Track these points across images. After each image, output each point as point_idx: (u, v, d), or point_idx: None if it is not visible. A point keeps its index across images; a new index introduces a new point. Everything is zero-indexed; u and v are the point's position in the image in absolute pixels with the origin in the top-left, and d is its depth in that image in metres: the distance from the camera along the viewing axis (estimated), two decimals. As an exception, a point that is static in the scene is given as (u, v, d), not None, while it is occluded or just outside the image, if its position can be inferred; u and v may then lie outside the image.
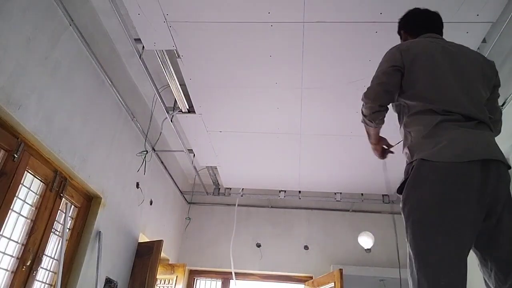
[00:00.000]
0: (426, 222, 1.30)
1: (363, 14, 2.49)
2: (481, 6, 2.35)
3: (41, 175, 2.67)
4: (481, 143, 1.38)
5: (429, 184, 1.33)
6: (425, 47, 1.60)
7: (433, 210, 1.30)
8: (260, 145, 4.13)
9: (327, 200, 5.28)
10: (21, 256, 2.51)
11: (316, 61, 2.92)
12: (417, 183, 1.36)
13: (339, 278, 4.31)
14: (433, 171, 1.34)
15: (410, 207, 1.36)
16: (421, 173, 1.36)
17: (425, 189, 1.33)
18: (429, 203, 1.31)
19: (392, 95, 1.56)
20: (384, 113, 1.56)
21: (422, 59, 1.56)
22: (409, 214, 1.35)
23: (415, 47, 1.61)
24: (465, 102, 1.46)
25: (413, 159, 1.40)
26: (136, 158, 3.87)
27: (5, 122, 2.28)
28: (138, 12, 2.60)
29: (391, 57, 1.60)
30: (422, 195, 1.34)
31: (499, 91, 1.71)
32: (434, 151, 1.35)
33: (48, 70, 2.52)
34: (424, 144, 1.40)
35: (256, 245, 5.49)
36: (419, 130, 1.44)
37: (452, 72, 1.52)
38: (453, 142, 1.36)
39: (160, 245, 4.05)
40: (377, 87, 1.55)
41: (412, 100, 1.51)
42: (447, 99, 1.46)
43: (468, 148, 1.35)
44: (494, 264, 1.31)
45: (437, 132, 1.39)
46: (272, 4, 2.48)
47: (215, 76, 3.18)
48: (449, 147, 1.34)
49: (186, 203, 5.74)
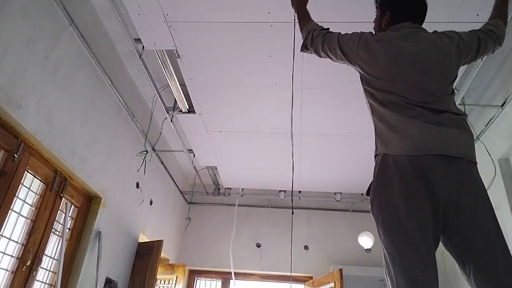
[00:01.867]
0: (394, 220, 1.30)
1: (363, 14, 2.49)
2: (481, 6, 2.35)
3: (41, 175, 2.67)
4: (448, 138, 1.36)
5: (392, 181, 1.34)
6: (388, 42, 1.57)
7: (399, 206, 1.30)
8: (260, 145, 4.13)
9: (327, 200, 5.28)
10: (21, 256, 2.51)
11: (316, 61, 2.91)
12: (380, 182, 1.38)
13: (339, 278, 4.31)
14: (392, 165, 1.35)
15: (378, 207, 1.37)
16: (383, 171, 1.38)
17: (388, 187, 1.34)
18: (393, 200, 1.32)
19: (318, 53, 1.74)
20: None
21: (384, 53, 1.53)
22: (378, 214, 1.36)
23: (387, 39, 1.58)
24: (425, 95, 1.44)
25: (378, 152, 1.44)
26: (136, 158, 3.87)
27: (5, 122, 2.28)
28: (138, 12, 2.59)
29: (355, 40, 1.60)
30: (386, 194, 1.35)
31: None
32: (395, 145, 1.37)
33: (48, 70, 2.52)
34: (388, 137, 1.41)
35: (256, 245, 5.49)
36: (383, 120, 1.46)
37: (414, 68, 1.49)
38: (415, 137, 1.35)
39: (160, 245, 4.05)
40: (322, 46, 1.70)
41: (377, 90, 1.51)
42: (409, 93, 1.44)
43: (430, 143, 1.34)
44: (472, 265, 1.26)
45: (400, 125, 1.39)
46: (272, 4, 2.48)
47: (215, 76, 3.18)
48: (412, 141, 1.35)
49: (186, 203, 5.74)
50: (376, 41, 1.58)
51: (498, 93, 3.17)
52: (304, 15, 1.89)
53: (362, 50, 1.57)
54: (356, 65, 1.61)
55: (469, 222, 1.29)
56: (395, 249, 1.27)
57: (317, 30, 1.77)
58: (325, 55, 1.73)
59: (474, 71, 2.80)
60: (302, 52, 1.86)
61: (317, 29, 1.77)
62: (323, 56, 1.75)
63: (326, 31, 1.75)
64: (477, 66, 2.75)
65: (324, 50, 1.71)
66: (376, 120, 1.50)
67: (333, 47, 1.66)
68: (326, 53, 1.71)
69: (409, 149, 1.34)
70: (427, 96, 1.44)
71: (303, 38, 1.81)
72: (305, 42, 1.80)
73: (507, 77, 3.06)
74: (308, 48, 1.80)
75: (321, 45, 1.71)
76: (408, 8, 1.67)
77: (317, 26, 1.80)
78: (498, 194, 3.08)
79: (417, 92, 1.45)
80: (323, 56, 1.75)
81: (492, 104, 3.20)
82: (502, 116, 3.10)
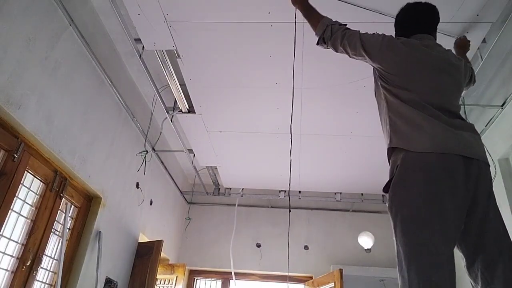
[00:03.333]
0: (415, 219, 1.30)
1: (363, 14, 2.49)
2: (481, 6, 2.35)
3: (41, 175, 2.67)
4: (464, 140, 1.40)
5: (416, 180, 1.34)
6: (413, 45, 1.65)
7: (420, 206, 1.31)
8: (260, 145, 4.13)
9: (327, 200, 5.28)
10: (21, 256, 2.51)
11: (316, 61, 2.92)
12: (403, 180, 1.38)
13: (339, 278, 4.31)
14: (418, 164, 1.36)
15: (398, 205, 1.36)
16: (407, 170, 1.38)
17: (412, 186, 1.35)
18: (416, 200, 1.32)
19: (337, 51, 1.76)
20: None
21: (408, 54, 1.61)
22: (397, 212, 1.36)
23: (406, 43, 1.65)
24: (442, 98, 1.52)
25: (395, 146, 1.44)
26: (136, 158, 3.87)
27: (5, 122, 2.28)
28: (138, 12, 2.59)
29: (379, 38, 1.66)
30: (408, 192, 1.35)
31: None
32: (418, 141, 1.38)
33: (48, 70, 2.52)
34: (408, 132, 1.43)
35: (256, 245, 5.49)
36: (402, 116, 1.48)
37: (432, 70, 1.58)
38: (438, 135, 1.39)
39: (160, 245, 4.05)
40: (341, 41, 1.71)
41: (395, 87, 1.55)
42: (428, 94, 1.50)
43: (451, 142, 1.37)
44: (481, 264, 1.30)
45: (422, 121, 1.42)
46: (272, 4, 2.48)
47: (215, 76, 3.18)
48: (435, 139, 1.38)
49: (186, 203, 5.74)
50: (401, 42, 1.65)
51: (498, 93, 3.17)
52: (311, 10, 1.90)
53: (386, 47, 1.63)
54: (376, 62, 1.65)
55: (483, 222, 1.33)
56: (411, 248, 1.27)
57: (336, 25, 1.79)
58: (342, 50, 1.75)
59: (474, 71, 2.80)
60: (319, 45, 1.85)
61: (336, 24, 1.79)
62: (340, 51, 1.76)
63: (345, 27, 1.77)
64: (477, 66, 2.75)
65: (343, 45, 1.72)
66: (393, 116, 1.52)
67: (354, 42, 1.68)
68: (345, 48, 1.73)
69: (434, 146, 1.36)
70: (445, 100, 1.51)
71: (320, 32, 1.80)
72: (323, 35, 1.79)
73: (507, 77, 3.06)
74: (326, 42, 1.79)
75: (340, 39, 1.72)
76: (421, 22, 1.76)
77: (334, 21, 1.82)
78: (498, 194, 3.02)
79: (436, 94, 1.52)
80: (340, 51, 1.77)
81: (492, 104, 3.20)
82: (502, 116, 3.10)
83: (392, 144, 1.46)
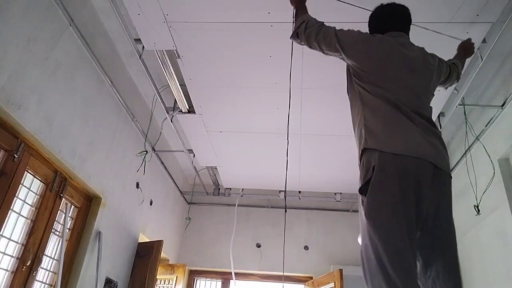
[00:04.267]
0: (389, 222, 1.30)
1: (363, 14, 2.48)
2: (481, 6, 2.35)
3: (41, 175, 2.67)
4: (435, 149, 1.42)
5: (391, 182, 1.34)
6: (389, 43, 1.65)
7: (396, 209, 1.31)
8: (260, 145, 4.13)
9: (327, 200, 5.28)
10: (21, 256, 2.51)
11: (316, 61, 2.92)
12: (379, 182, 1.35)
13: (339, 278, 4.31)
14: (393, 166, 1.35)
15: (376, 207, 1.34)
16: (383, 170, 1.35)
17: (388, 188, 1.33)
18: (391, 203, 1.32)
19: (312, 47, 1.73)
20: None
21: (382, 52, 1.60)
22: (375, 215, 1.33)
23: (380, 40, 1.66)
24: (416, 99, 1.52)
25: (369, 147, 1.41)
26: (136, 158, 3.87)
27: (5, 122, 2.27)
28: (138, 12, 2.59)
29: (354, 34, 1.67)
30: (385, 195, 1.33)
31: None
32: (391, 142, 1.38)
33: (48, 70, 2.52)
34: (382, 132, 1.42)
35: (256, 245, 5.49)
36: (377, 114, 1.47)
37: (406, 70, 1.58)
38: (413, 138, 1.39)
39: (160, 245, 4.05)
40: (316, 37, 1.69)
41: (370, 84, 1.55)
42: (402, 93, 1.50)
43: (425, 148, 1.38)
44: (435, 269, 1.34)
45: (396, 122, 1.42)
46: (272, 4, 2.48)
47: (215, 76, 3.18)
48: (410, 142, 1.38)
49: (186, 203, 5.74)
50: (376, 40, 1.64)
51: (498, 93, 3.17)
52: (302, 9, 1.91)
53: (361, 44, 1.62)
54: (351, 58, 1.64)
55: (442, 230, 1.38)
56: (390, 255, 1.24)
57: (311, 20, 1.79)
58: (316, 45, 1.74)
59: (474, 71, 2.80)
60: (292, 39, 1.86)
61: (312, 20, 1.79)
62: (314, 47, 1.76)
63: (322, 24, 1.77)
64: (477, 66, 2.76)
65: (318, 40, 1.71)
66: (368, 115, 1.50)
67: (329, 38, 1.67)
68: (319, 44, 1.72)
69: (409, 149, 1.35)
70: (418, 103, 1.51)
71: (296, 26, 1.81)
72: (298, 30, 1.80)
73: (507, 77, 3.05)
74: (299, 36, 1.80)
75: (315, 35, 1.71)
76: (394, 18, 1.79)
77: (312, 18, 1.82)
78: (498, 194, 3.08)
79: (409, 95, 1.51)
80: (314, 47, 1.76)
81: (492, 104, 3.20)
82: (502, 116, 3.10)
83: (367, 145, 1.42)
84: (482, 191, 3.20)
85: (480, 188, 3.24)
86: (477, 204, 3.22)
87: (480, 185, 3.25)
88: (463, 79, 2.94)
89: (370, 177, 1.36)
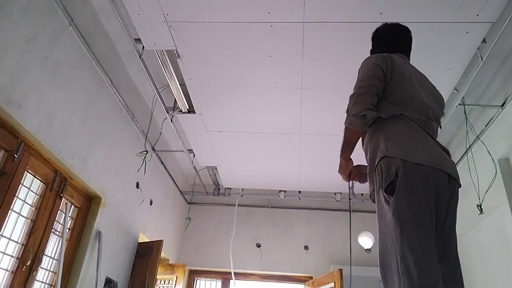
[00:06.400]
0: (420, 223, 1.34)
1: (363, 14, 2.49)
2: (481, 6, 2.35)
3: (41, 175, 2.67)
4: (448, 160, 1.51)
5: (417, 188, 1.38)
6: (402, 60, 1.72)
7: (422, 211, 1.36)
8: (260, 145, 4.13)
9: (327, 200, 5.28)
10: (21, 256, 2.51)
11: (316, 61, 2.92)
12: (407, 184, 1.38)
13: (339, 278, 4.31)
14: (417, 174, 1.39)
15: (404, 209, 1.37)
16: (409, 175, 1.39)
17: (415, 192, 1.38)
18: (419, 204, 1.37)
19: (378, 97, 1.56)
20: (374, 114, 1.52)
21: (402, 69, 1.65)
22: (403, 215, 1.36)
23: (396, 58, 1.70)
24: (432, 117, 1.60)
25: (390, 155, 1.41)
26: (136, 158, 3.87)
27: (5, 122, 2.28)
28: (138, 12, 2.59)
29: (380, 61, 1.64)
30: (413, 197, 1.37)
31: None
32: (414, 153, 1.43)
33: (48, 70, 2.52)
34: (405, 142, 1.46)
35: (256, 245, 5.49)
36: (399, 124, 1.51)
37: (421, 90, 1.64)
38: (432, 150, 1.47)
39: (160, 245, 4.05)
40: (370, 88, 1.55)
41: (392, 101, 1.57)
42: (421, 110, 1.57)
43: (441, 160, 1.46)
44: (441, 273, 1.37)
45: (416, 134, 1.49)
46: (272, 4, 2.48)
47: (215, 76, 3.18)
48: (429, 153, 1.45)
49: (186, 203, 5.74)
50: (394, 59, 1.66)
51: (498, 93, 3.17)
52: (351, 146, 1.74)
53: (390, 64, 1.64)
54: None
55: (448, 236, 1.45)
56: (414, 253, 1.28)
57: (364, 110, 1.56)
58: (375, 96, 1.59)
59: (474, 71, 2.80)
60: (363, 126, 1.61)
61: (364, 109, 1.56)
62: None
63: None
64: (477, 66, 2.75)
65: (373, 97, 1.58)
66: (390, 122, 1.53)
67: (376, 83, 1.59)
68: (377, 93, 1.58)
69: (429, 160, 1.42)
70: (430, 116, 1.59)
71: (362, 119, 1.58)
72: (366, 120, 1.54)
73: (507, 77, 3.05)
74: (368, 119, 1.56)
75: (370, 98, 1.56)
76: (401, 41, 1.85)
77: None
78: (498, 194, 3.08)
79: (425, 108, 1.58)
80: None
81: (492, 104, 3.20)
82: (502, 116, 3.09)
83: (388, 153, 1.43)
84: (483, 191, 3.20)
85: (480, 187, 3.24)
86: (479, 203, 3.22)
87: (480, 185, 3.25)
88: (463, 79, 2.94)
89: (392, 179, 1.39)
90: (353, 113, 1.53)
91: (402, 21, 2.50)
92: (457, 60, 2.78)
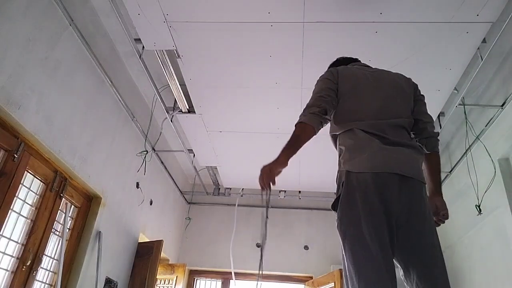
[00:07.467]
0: (359, 237, 1.35)
1: (363, 14, 2.49)
2: (481, 6, 2.35)
3: (41, 175, 2.67)
4: (400, 158, 1.47)
5: (356, 199, 1.41)
6: (352, 71, 1.78)
7: (362, 224, 1.36)
8: (260, 145, 4.13)
9: (327, 200, 5.27)
10: (21, 256, 2.51)
11: (316, 61, 2.92)
12: (347, 200, 1.44)
13: (339, 278, 4.31)
14: (356, 183, 1.43)
15: (345, 224, 1.42)
16: (349, 188, 1.44)
17: (354, 205, 1.41)
18: (358, 218, 1.38)
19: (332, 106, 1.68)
20: (323, 117, 1.67)
21: (348, 80, 1.72)
22: (345, 231, 1.41)
23: (345, 69, 1.79)
24: (384, 121, 1.57)
25: (341, 169, 1.55)
26: (136, 158, 3.87)
27: (5, 122, 2.28)
28: (138, 12, 2.59)
29: (330, 76, 1.75)
30: (352, 212, 1.40)
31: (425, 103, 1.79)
32: (357, 163, 1.47)
33: (48, 70, 2.52)
34: (350, 154, 1.52)
35: (256, 245, 5.49)
36: (348, 144, 1.57)
37: (373, 94, 1.66)
38: (376, 155, 1.46)
39: (160, 245, 4.05)
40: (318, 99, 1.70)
41: (342, 118, 1.66)
42: (371, 115, 1.59)
43: (387, 161, 1.45)
44: (416, 274, 1.37)
45: (362, 143, 1.51)
46: (272, 4, 2.48)
47: (215, 76, 3.18)
48: (372, 159, 1.45)
49: (186, 203, 5.74)
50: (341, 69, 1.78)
51: (498, 93, 3.17)
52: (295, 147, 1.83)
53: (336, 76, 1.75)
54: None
55: (418, 236, 1.40)
56: (359, 265, 1.32)
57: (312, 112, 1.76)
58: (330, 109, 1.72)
59: (474, 71, 2.80)
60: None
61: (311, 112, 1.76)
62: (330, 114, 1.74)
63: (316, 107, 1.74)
64: (477, 66, 2.75)
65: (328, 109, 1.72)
66: (342, 137, 1.64)
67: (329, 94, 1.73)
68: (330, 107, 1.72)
69: (370, 166, 1.44)
70: (386, 114, 1.59)
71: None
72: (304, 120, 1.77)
73: (507, 77, 3.05)
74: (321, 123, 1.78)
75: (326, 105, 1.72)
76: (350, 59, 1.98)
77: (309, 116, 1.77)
78: (498, 194, 3.08)
79: (375, 111, 1.60)
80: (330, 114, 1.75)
81: (492, 104, 3.20)
82: (502, 116, 3.10)
83: (340, 167, 1.58)
84: (482, 191, 3.20)
85: (480, 188, 3.24)
86: (478, 204, 3.22)
87: (479, 185, 3.25)
88: (463, 79, 2.94)
89: (340, 193, 1.48)
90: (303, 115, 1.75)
91: (402, 21, 2.51)
92: (457, 60, 2.78)
